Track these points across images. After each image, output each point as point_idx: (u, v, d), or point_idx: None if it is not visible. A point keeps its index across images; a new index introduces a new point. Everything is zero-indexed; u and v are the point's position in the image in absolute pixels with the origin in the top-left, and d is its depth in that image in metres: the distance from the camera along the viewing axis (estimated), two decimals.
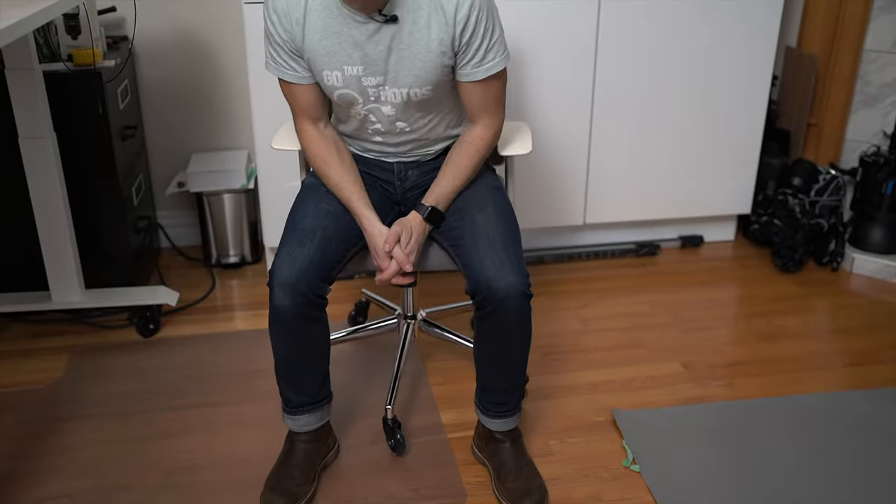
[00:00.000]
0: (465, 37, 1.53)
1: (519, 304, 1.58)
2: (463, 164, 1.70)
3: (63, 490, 1.79)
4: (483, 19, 1.53)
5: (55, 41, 2.28)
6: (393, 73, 1.58)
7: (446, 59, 1.57)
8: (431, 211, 1.68)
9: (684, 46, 2.59)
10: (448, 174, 1.69)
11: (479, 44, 1.55)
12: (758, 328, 2.44)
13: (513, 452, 1.78)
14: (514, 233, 1.67)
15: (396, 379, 1.97)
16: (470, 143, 1.70)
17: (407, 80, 1.59)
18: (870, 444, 1.92)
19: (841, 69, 2.81)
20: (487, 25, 1.54)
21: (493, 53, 1.59)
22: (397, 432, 1.89)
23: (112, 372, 2.21)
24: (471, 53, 1.56)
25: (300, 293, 1.58)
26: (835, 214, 2.79)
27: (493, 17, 1.56)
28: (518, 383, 1.76)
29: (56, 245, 2.28)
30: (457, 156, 1.70)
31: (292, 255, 1.60)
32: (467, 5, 1.51)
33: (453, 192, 1.70)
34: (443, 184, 1.69)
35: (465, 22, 1.51)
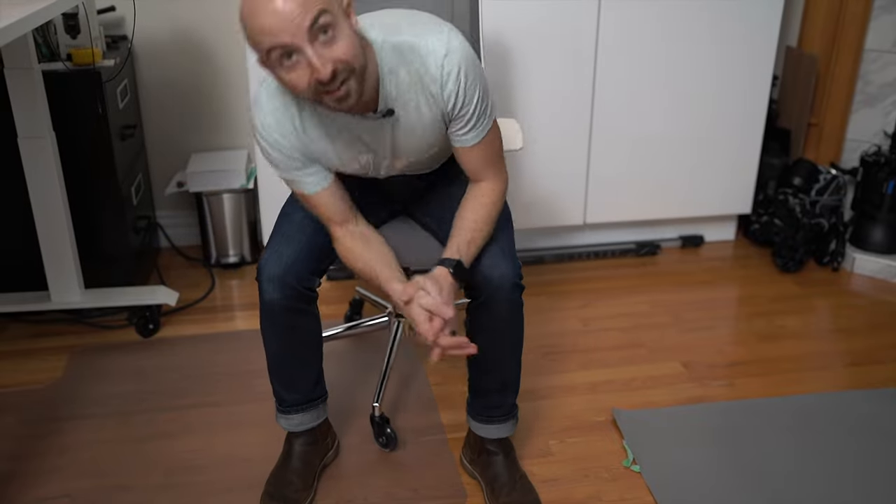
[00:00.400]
0: (456, 109, 1.46)
1: (511, 294, 1.58)
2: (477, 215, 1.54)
3: (63, 490, 1.79)
4: (471, 87, 1.44)
5: (54, 40, 2.28)
6: (398, 150, 1.54)
7: (444, 128, 1.52)
8: (458, 265, 1.49)
9: (684, 46, 2.59)
10: (463, 228, 1.53)
11: (472, 111, 1.47)
12: (758, 328, 2.43)
13: (506, 465, 1.76)
14: (506, 222, 1.65)
15: (385, 376, 1.97)
16: (481, 196, 1.56)
17: (412, 152, 1.55)
18: (871, 445, 1.92)
19: (841, 69, 2.81)
20: (476, 91, 1.45)
21: (485, 114, 1.50)
22: (386, 428, 1.89)
23: (112, 372, 2.20)
24: (464, 121, 1.49)
25: (289, 286, 1.57)
26: (835, 214, 2.78)
27: (478, 79, 1.45)
28: (510, 385, 1.74)
29: (55, 245, 2.27)
30: (467, 210, 1.55)
31: (279, 250, 1.59)
32: (452, 80, 1.42)
33: (475, 246, 1.53)
34: (461, 235, 1.52)
35: (455, 97, 1.44)
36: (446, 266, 1.48)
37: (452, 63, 1.41)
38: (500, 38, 2.48)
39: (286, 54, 1.28)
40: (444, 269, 1.48)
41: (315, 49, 1.26)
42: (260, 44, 1.28)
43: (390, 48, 1.40)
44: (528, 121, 2.55)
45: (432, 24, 1.44)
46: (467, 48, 1.43)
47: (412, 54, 1.41)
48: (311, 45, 1.26)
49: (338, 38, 1.28)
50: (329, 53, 1.27)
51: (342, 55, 1.28)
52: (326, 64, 1.27)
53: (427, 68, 1.41)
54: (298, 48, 1.26)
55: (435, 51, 1.40)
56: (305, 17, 1.24)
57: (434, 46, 1.40)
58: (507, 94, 2.55)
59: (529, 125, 2.55)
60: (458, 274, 1.48)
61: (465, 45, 1.42)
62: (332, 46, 1.27)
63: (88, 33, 2.27)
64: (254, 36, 1.28)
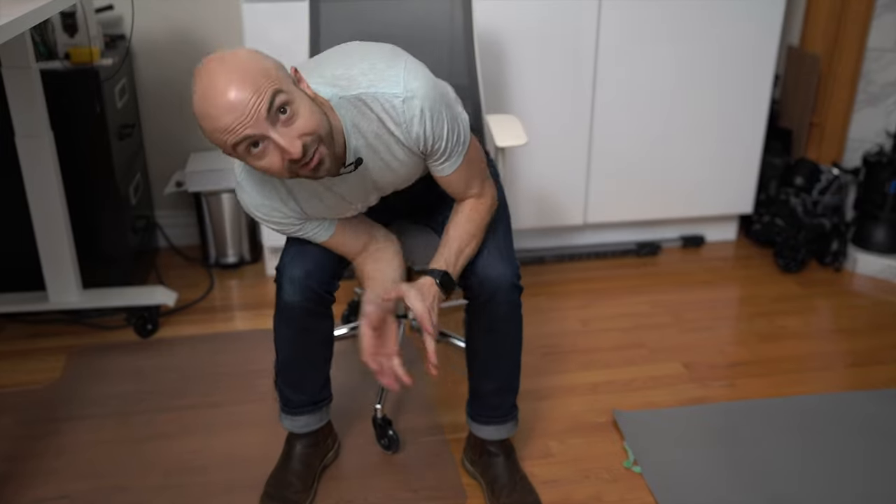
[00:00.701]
0: (427, 147, 1.43)
1: (509, 295, 1.57)
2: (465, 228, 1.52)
3: (61, 491, 1.78)
4: (437, 125, 1.39)
5: (52, 39, 2.27)
6: (382, 187, 1.52)
7: (423, 160, 1.49)
8: (444, 275, 1.47)
9: (686, 45, 2.58)
10: (452, 238, 1.52)
11: (444, 145, 1.43)
12: (759, 328, 2.43)
13: (506, 467, 1.76)
14: (503, 222, 1.64)
15: None
16: (469, 210, 1.54)
17: (396, 183, 1.53)
18: (872, 445, 1.91)
19: (843, 68, 2.80)
20: (443, 126, 1.40)
21: (458, 143, 1.45)
22: (388, 430, 1.89)
23: (110, 372, 2.19)
24: (438, 154, 1.45)
25: (310, 289, 1.56)
26: (837, 214, 2.78)
27: (443, 113, 1.39)
28: (509, 386, 1.73)
29: (53, 245, 2.27)
30: (456, 223, 1.53)
31: (302, 251, 1.58)
32: (416, 123, 1.37)
33: (464, 258, 1.52)
34: (449, 246, 1.51)
35: (423, 138, 1.40)
36: (433, 276, 1.47)
37: (413, 107, 1.36)
38: (500, 38, 2.47)
39: (252, 144, 1.24)
40: (430, 279, 1.47)
41: (279, 131, 1.24)
42: (223, 142, 1.24)
43: (348, 103, 1.37)
44: (528, 120, 2.54)
45: (384, 66, 1.37)
46: (425, 83, 1.37)
47: (371, 105, 1.37)
48: (273, 128, 1.23)
49: (298, 112, 1.25)
50: (293, 131, 1.24)
51: (306, 128, 1.25)
52: (294, 141, 1.24)
53: (389, 116, 1.37)
54: (262, 136, 1.23)
55: (393, 97, 1.35)
56: (261, 103, 1.20)
57: (392, 92, 1.35)
58: (508, 93, 2.54)
59: (530, 125, 2.55)
60: (444, 285, 1.47)
61: (423, 82, 1.36)
62: (294, 123, 1.25)
63: (86, 32, 2.26)
64: (214, 135, 1.23)
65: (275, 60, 1.27)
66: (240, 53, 1.24)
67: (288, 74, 1.28)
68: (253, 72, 1.21)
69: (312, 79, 1.38)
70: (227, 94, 1.19)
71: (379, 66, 1.37)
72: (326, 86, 1.37)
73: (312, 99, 1.30)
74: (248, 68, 1.21)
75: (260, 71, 1.22)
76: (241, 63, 1.22)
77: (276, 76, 1.23)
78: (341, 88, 1.36)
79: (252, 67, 1.22)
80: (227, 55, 1.23)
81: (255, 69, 1.22)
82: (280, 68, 1.27)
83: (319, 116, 1.28)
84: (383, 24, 1.99)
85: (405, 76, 1.36)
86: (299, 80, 1.31)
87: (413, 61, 1.39)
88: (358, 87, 1.36)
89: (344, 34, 1.99)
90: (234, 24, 2.67)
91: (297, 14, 2.33)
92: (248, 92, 1.20)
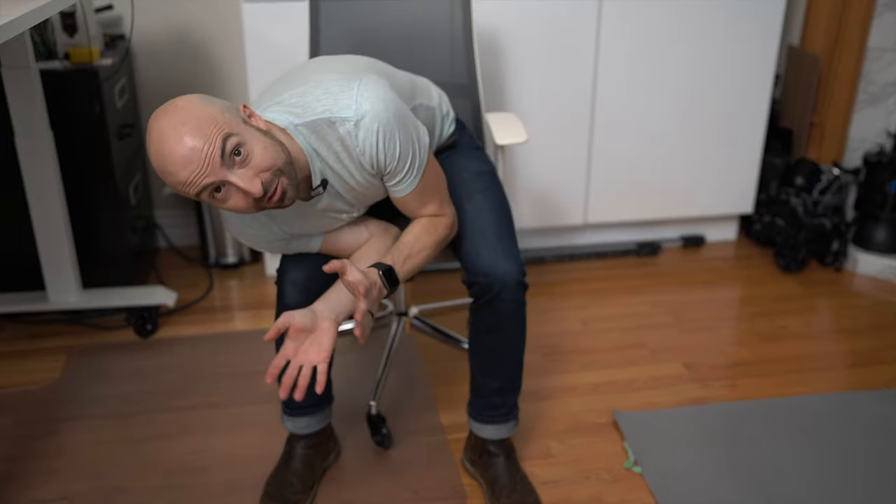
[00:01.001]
0: (381, 169, 1.42)
1: (515, 292, 1.57)
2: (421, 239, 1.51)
3: (60, 492, 1.78)
4: (389, 147, 1.37)
5: (52, 39, 2.27)
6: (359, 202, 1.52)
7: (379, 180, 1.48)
8: (389, 270, 1.44)
9: (686, 45, 2.58)
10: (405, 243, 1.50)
11: (396, 167, 1.42)
12: (760, 329, 2.42)
13: (507, 467, 1.76)
14: (505, 220, 1.64)
15: (383, 375, 1.97)
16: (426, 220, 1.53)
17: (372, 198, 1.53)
18: (873, 445, 1.91)
19: (844, 68, 2.79)
20: (395, 148, 1.38)
21: (413, 165, 1.43)
22: (382, 427, 1.89)
23: (110, 373, 2.19)
24: (392, 176, 1.44)
25: (312, 292, 1.56)
26: (838, 214, 2.77)
27: (395, 134, 1.37)
28: (512, 385, 1.73)
29: (53, 245, 2.26)
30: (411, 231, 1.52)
31: (303, 254, 1.59)
32: (369, 146, 1.36)
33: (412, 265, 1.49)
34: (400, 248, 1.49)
35: (375, 160, 1.39)
36: (377, 268, 1.43)
37: (364, 130, 1.35)
38: (500, 37, 2.47)
39: (214, 190, 1.26)
40: (374, 270, 1.43)
41: (236, 173, 1.25)
42: (186, 193, 1.26)
43: (305, 129, 1.36)
44: (528, 120, 2.54)
45: (338, 90, 1.36)
46: (376, 104, 1.35)
47: (328, 130, 1.36)
48: (231, 171, 1.24)
49: (253, 151, 1.25)
50: (252, 170, 1.25)
51: (263, 165, 1.26)
52: (253, 181, 1.25)
53: (343, 140, 1.37)
54: (222, 181, 1.25)
55: (346, 121, 1.35)
56: (213, 150, 1.21)
57: (344, 116, 1.35)
58: (508, 93, 2.54)
59: (530, 125, 2.54)
60: (387, 277, 1.44)
61: (373, 104, 1.34)
62: (251, 162, 1.25)
63: (86, 32, 2.26)
64: (176, 188, 1.25)
65: (221, 103, 1.28)
66: (184, 104, 1.24)
67: (236, 114, 1.29)
68: (200, 121, 1.22)
69: (270, 107, 1.38)
70: (178, 149, 1.21)
71: (333, 90, 1.37)
72: (283, 113, 1.37)
73: (266, 132, 1.30)
74: (194, 118, 1.22)
75: (206, 119, 1.22)
76: (187, 114, 1.22)
77: (223, 120, 1.24)
78: (296, 116, 1.37)
79: (198, 116, 1.22)
80: (171, 108, 1.24)
81: (202, 117, 1.22)
82: (227, 109, 1.27)
83: (275, 150, 1.28)
84: (383, 24, 1.99)
85: (357, 98, 1.35)
86: (250, 115, 1.31)
87: (368, 82, 1.37)
88: (313, 112, 1.36)
89: (344, 34, 1.98)
90: (234, 24, 2.67)
91: (296, 14, 2.33)
92: (198, 142, 1.21)
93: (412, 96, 1.58)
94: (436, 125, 1.69)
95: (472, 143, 1.78)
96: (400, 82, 1.55)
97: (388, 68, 1.57)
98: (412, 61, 1.97)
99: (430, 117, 1.65)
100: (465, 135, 1.78)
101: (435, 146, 1.70)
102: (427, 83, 1.72)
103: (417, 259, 1.50)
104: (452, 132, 1.75)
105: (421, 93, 1.63)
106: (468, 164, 1.71)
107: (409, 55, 1.98)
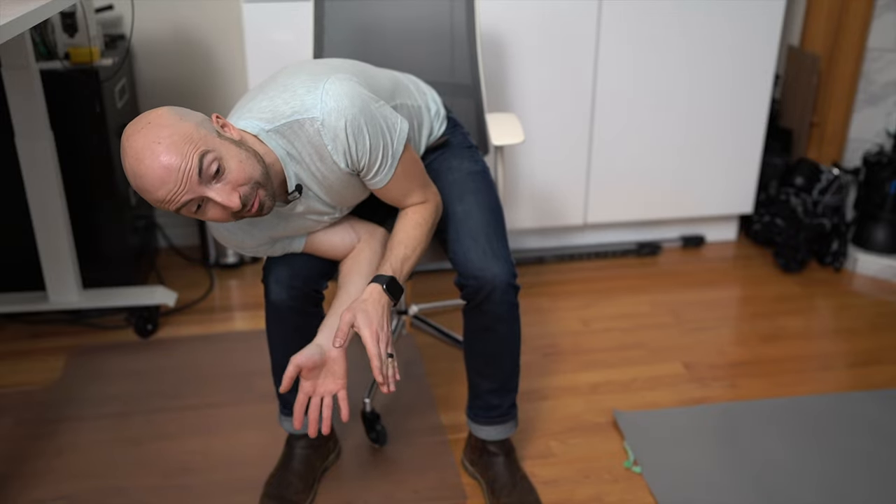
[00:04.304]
0: (353, 165, 1.41)
1: (505, 294, 1.56)
2: (412, 233, 1.51)
3: (60, 492, 1.78)
4: (359, 142, 1.37)
5: (52, 39, 2.27)
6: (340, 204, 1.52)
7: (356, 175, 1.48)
8: (391, 281, 1.45)
9: (686, 45, 2.58)
10: (398, 243, 1.50)
11: (368, 160, 1.41)
12: (760, 329, 2.42)
13: (507, 466, 1.76)
14: (496, 221, 1.62)
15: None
16: (413, 213, 1.53)
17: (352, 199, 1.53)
18: (873, 446, 1.91)
19: (844, 68, 2.79)
20: (365, 142, 1.38)
21: (386, 157, 1.43)
22: (377, 424, 1.89)
23: (110, 373, 2.19)
24: (365, 171, 1.44)
25: (296, 288, 1.57)
26: (837, 214, 2.77)
27: (362, 129, 1.37)
28: (508, 386, 1.72)
29: (53, 245, 2.26)
30: (401, 227, 1.52)
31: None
32: (340, 144, 1.36)
33: (410, 264, 1.50)
34: (395, 251, 1.49)
35: (346, 157, 1.39)
36: (380, 282, 1.45)
37: (330, 127, 1.35)
38: (501, 37, 2.47)
39: (193, 204, 1.27)
40: (377, 286, 1.44)
41: (214, 189, 1.26)
42: (166, 209, 1.27)
43: (276, 134, 1.36)
44: (528, 120, 2.54)
45: (304, 91, 1.37)
46: (341, 101, 1.34)
47: (298, 132, 1.36)
48: (209, 186, 1.25)
49: (229, 166, 1.26)
50: (229, 185, 1.26)
51: (240, 179, 1.27)
52: (231, 195, 1.26)
53: (313, 140, 1.37)
54: (200, 197, 1.25)
55: (314, 121, 1.35)
56: (190, 169, 1.22)
57: (311, 117, 1.35)
58: (508, 92, 2.54)
59: (530, 125, 2.55)
60: (391, 290, 1.45)
61: (338, 101, 1.34)
62: (228, 177, 1.26)
63: (86, 32, 2.26)
64: (156, 205, 1.26)
65: (194, 117, 1.28)
66: (158, 120, 1.23)
67: (210, 127, 1.29)
68: (175, 138, 1.22)
69: (243, 116, 1.38)
70: (155, 168, 1.21)
71: (299, 92, 1.37)
72: (254, 120, 1.37)
73: (240, 142, 1.30)
74: (168, 135, 1.22)
75: (181, 136, 1.22)
76: (161, 132, 1.22)
77: (197, 137, 1.24)
78: (267, 121, 1.37)
79: (173, 133, 1.22)
80: (144, 125, 1.23)
81: (177, 135, 1.22)
82: (202, 124, 1.27)
83: (251, 162, 1.29)
84: (387, 24, 1.99)
85: (322, 97, 1.35)
86: (224, 126, 1.31)
87: (335, 80, 1.37)
88: (282, 116, 1.36)
89: (349, 34, 1.98)
90: (234, 24, 2.67)
91: (297, 14, 2.33)
92: (174, 161, 1.21)
93: (392, 96, 1.56)
94: (423, 124, 1.67)
95: (464, 143, 1.76)
96: (379, 83, 1.54)
97: (366, 68, 1.57)
98: (416, 62, 1.97)
99: (414, 116, 1.63)
100: (458, 134, 1.77)
101: (424, 145, 1.69)
102: (414, 82, 1.72)
103: (414, 257, 1.51)
104: (444, 131, 1.74)
105: (403, 92, 1.62)
106: (460, 164, 1.70)
107: (413, 55, 1.98)
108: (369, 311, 1.40)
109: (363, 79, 1.46)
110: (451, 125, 1.76)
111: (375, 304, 1.42)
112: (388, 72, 1.65)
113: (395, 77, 1.64)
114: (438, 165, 1.67)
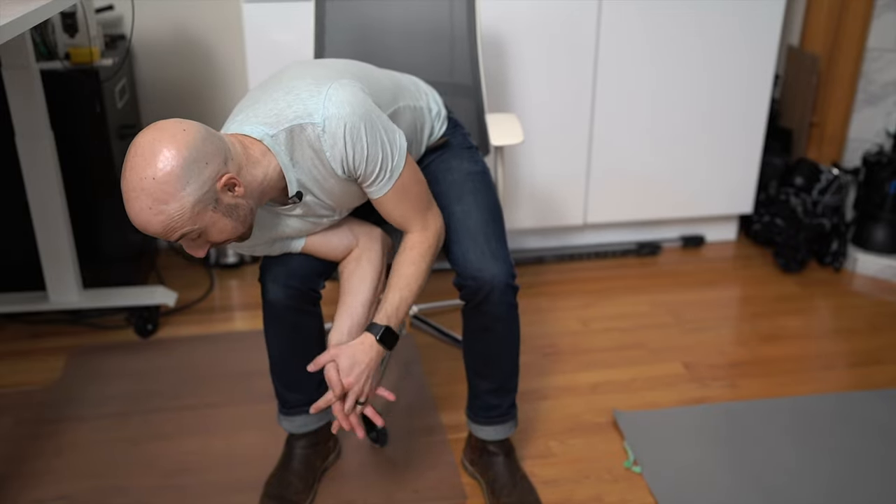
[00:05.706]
0: (351, 171, 1.41)
1: (504, 294, 1.56)
2: (407, 272, 1.51)
3: (60, 492, 1.78)
4: (357, 149, 1.37)
5: (52, 39, 2.27)
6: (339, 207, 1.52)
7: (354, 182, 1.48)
8: (386, 332, 1.48)
9: (686, 45, 2.58)
10: (394, 287, 1.51)
11: (366, 169, 1.41)
12: (760, 329, 2.42)
13: (506, 466, 1.76)
14: (495, 222, 1.62)
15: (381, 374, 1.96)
16: (411, 249, 1.52)
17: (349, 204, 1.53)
18: (873, 445, 1.91)
19: (843, 68, 2.80)
20: (363, 151, 1.37)
21: (385, 167, 1.42)
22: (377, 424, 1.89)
23: (110, 373, 2.19)
24: (364, 178, 1.44)
25: (293, 287, 1.57)
26: (837, 214, 2.77)
27: (362, 137, 1.36)
28: (507, 386, 1.72)
29: (53, 245, 2.26)
30: (399, 265, 1.52)
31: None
32: (338, 149, 1.36)
33: (406, 305, 1.51)
34: (391, 297, 1.50)
35: (343, 163, 1.38)
36: (374, 333, 1.48)
37: (330, 133, 1.35)
38: (501, 37, 2.47)
39: None
40: (370, 337, 1.48)
41: (187, 244, 1.29)
42: None
43: (279, 138, 1.36)
44: (528, 120, 2.54)
45: (307, 95, 1.37)
46: (343, 107, 1.34)
47: (300, 137, 1.36)
48: (183, 242, 1.29)
49: (209, 234, 1.28)
50: (204, 242, 1.30)
51: (216, 241, 1.30)
52: (201, 248, 1.30)
53: (314, 145, 1.37)
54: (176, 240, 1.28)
55: (315, 127, 1.35)
56: (171, 236, 1.24)
57: (313, 122, 1.35)
58: (508, 92, 2.54)
59: (530, 125, 2.55)
60: (385, 341, 1.48)
61: (340, 108, 1.34)
62: (204, 238, 1.29)
63: (87, 32, 2.26)
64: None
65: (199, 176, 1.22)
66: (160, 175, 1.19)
67: (212, 188, 1.25)
68: (164, 213, 1.20)
69: (249, 121, 1.38)
70: (139, 220, 1.22)
71: (303, 96, 1.37)
72: (258, 125, 1.37)
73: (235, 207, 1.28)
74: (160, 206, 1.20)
75: (172, 213, 1.21)
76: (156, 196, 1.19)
77: (189, 216, 1.23)
78: (270, 126, 1.36)
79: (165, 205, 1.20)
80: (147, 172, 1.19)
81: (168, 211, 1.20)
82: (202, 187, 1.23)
83: (232, 229, 1.30)
84: (388, 24, 1.99)
85: (324, 103, 1.35)
86: (234, 185, 1.28)
87: (338, 86, 1.37)
88: (286, 120, 1.36)
89: (349, 34, 1.98)
90: (234, 24, 2.67)
91: (297, 14, 2.33)
92: (156, 229, 1.23)
93: (395, 98, 1.56)
94: (424, 125, 1.67)
95: (464, 143, 1.76)
96: (381, 85, 1.53)
97: (369, 70, 1.56)
98: (416, 62, 1.97)
99: (416, 118, 1.63)
100: (458, 134, 1.77)
101: (425, 146, 1.69)
102: (415, 83, 1.71)
103: (411, 297, 1.52)
104: (444, 132, 1.74)
105: (405, 94, 1.61)
106: (459, 164, 1.70)
107: (414, 56, 1.98)
108: (356, 359, 1.47)
109: (366, 83, 1.46)
110: (451, 125, 1.76)
111: (364, 354, 1.47)
112: (390, 73, 1.65)
113: (397, 78, 1.64)
114: (438, 166, 1.67)
